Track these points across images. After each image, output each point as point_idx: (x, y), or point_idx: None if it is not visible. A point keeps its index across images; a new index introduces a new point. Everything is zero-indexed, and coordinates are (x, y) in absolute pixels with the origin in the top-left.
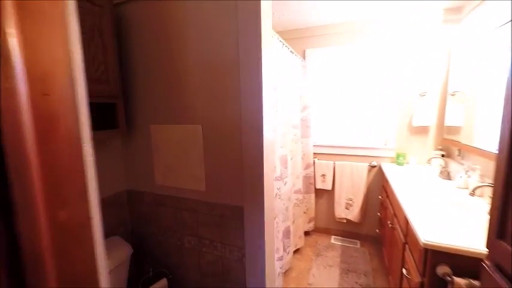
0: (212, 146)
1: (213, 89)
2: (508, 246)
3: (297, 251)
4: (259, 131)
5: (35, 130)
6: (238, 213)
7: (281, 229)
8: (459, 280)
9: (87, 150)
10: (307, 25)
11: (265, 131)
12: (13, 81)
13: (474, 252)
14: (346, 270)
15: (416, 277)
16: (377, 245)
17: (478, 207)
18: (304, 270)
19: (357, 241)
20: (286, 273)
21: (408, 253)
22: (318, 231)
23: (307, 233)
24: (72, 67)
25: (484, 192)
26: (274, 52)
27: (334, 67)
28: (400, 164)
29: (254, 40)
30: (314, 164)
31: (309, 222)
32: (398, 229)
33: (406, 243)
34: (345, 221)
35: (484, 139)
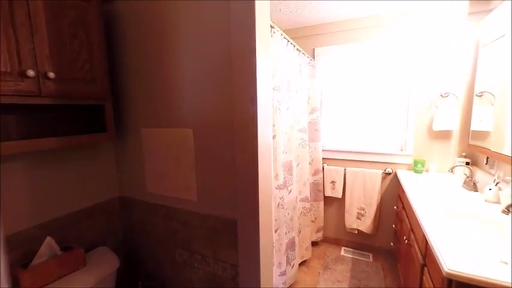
0: (204, 152)
1: (204, 90)
2: None
3: (303, 263)
4: (253, 137)
5: None
6: (231, 227)
7: (284, 241)
8: None
9: None
10: (316, 22)
11: (260, 136)
12: None
13: None
14: None
15: None
16: (392, 259)
17: None
18: (310, 286)
19: (369, 254)
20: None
21: (427, 277)
22: (327, 241)
23: (315, 243)
24: None
25: None
26: (275, 50)
27: (346, 66)
28: (418, 171)
29: (248, 39)
30: (323, 170)
31: (317, 231)
32: (416, 248)
33: (425, 266)
34: (356, 231)
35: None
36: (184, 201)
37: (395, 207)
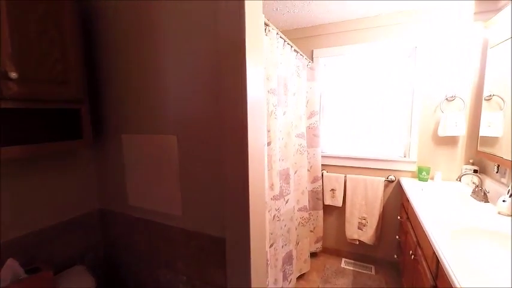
0: (189, 161)
1: (190, 92)
2: None
3: (301, 276)
4: (243, 144)
5: None
6: (219, 246)
7: (281, 256)
8: None
9: None
10: (314, 23)
11: (251, 143)
12: None
13: None
14: None
15: None
16: (395, 272)
17: None
18: None
19: (371, 266)
20: None
21: None
22: (326, 252)
23: (313, 254)
24: None
25: None
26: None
27: (346, 69)
28: (422, 179)
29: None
30: (322, 177)
31: (316, 242)
32: (425, 265)
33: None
34: (357, 242)
35: None
36: (168, 215)
37: (399, 218)
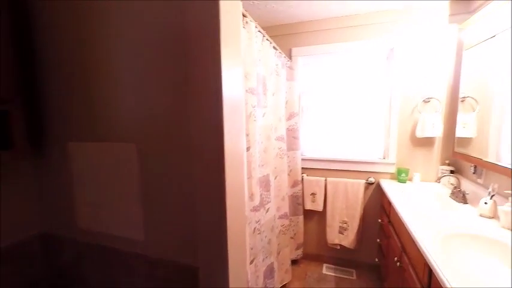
0: (153, 174)
1: (151, 90)
2: None
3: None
4: (219, 152)
5: None
6: (190, 276)
7: (261, 270)
8: None
9: None
10: (293, 20)
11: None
12: None
13: None
14: None
15: None
16: (376, 275)
17: None
18: None
19: (353, 270)
20: None
21: None
22: (307, 258)
23: (294, 261)
24: None
25: None
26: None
27: (325, 69)
28: (402, 181)
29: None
30: (302, 181)
31: (297, 248)
32: (413, 274)
33: None
34: (338, 247)
35: (500, 154)
36: (127, 240)
37: (379, 221)
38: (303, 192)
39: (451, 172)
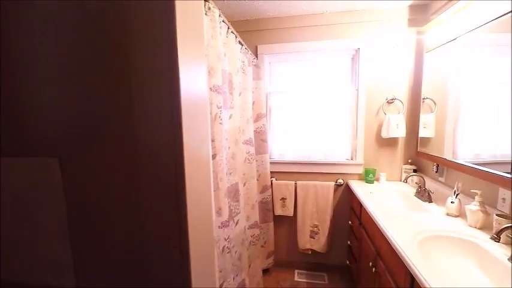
0: (84, 196)
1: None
2: None
3: None
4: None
5: None
6: None
7: None
8: None
9: None
10: (258, 16)
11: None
12: None
13: None
14: None
15: None
16: (347, 277)
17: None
18: None
19: (324, 274)
20: None
21: None
22: (278, 265)
23: (266, 271)
24: None
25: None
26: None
27: (292, 68)
28: (369, 181)
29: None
30: (272, 185)
31: (268, 257)
32: (391, 281)
33: None
34: (309, 252)
35: (453, 152)
36: None
37: (350, 223)
38: (272, 198)
39: (414, 171)
